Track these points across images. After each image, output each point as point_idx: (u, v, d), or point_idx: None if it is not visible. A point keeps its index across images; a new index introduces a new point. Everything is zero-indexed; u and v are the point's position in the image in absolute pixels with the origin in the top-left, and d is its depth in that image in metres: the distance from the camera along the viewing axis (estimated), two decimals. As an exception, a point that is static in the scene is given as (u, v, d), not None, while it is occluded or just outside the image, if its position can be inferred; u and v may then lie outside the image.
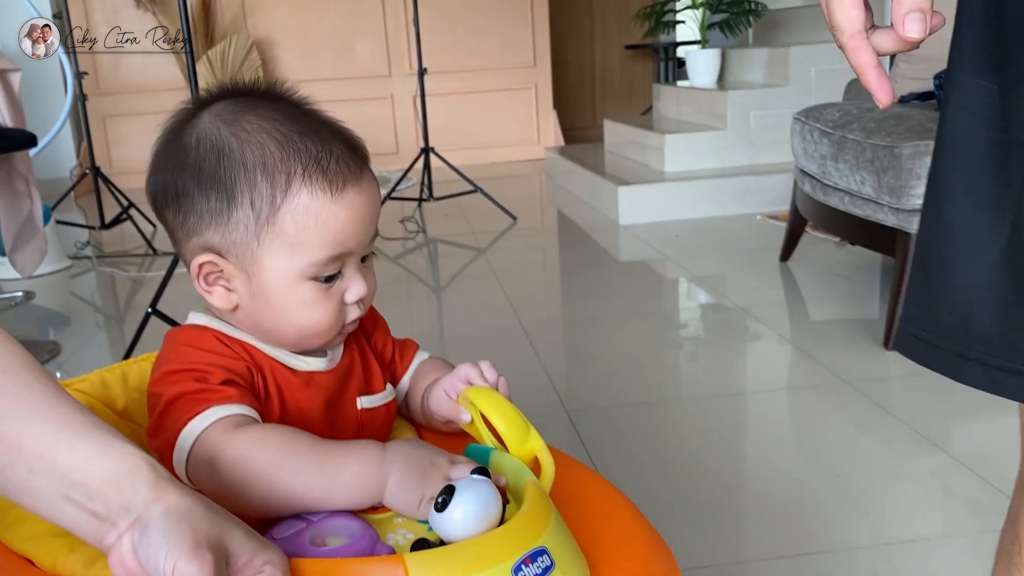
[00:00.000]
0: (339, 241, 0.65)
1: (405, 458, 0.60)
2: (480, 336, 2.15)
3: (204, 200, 0.65)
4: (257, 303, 0.67)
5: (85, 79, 3.87)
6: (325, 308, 0.66)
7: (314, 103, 0.70)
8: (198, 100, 0.68)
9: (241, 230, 0.64)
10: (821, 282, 2.48)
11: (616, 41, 6.29)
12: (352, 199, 0.65)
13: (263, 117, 0.65)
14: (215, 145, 0.65)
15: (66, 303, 2.84)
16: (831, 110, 2.14)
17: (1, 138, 2.07)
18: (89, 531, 0.49)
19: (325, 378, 0.70)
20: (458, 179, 3.75)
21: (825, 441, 1.53)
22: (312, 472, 0.59)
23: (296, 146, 0.64)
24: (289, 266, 0.65)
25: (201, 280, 0.67)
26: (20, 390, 0.51)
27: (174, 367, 0.65)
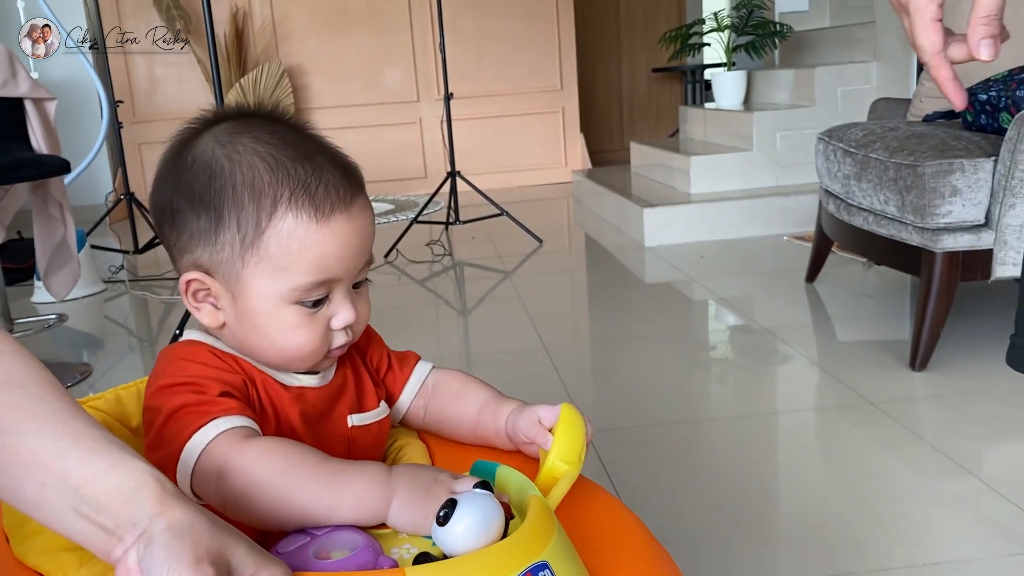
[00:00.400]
0: (324, 267, 0.65)
1: (410, 477, 0.61)
2: (505, 358, 2.16)
3: (195, 219, 0.66)
4: (242, 323, 0.67)
5: (121, 107, 3.95)
6: (308, 332, 0.67)
7: (314, 128, 0.71)
8: (201, 120, 0.70)
9: (227, 251, 0.65)
10: (848, 303, 2.45)
11: (643, 64, 6.31)
12: (339, 226, 0.65)
13: (258, 140, 0.66)
14: (208, 165, 0.66)
15: (99, 325, 2.89)
16: (854, 130, 2.12)
17: (36, 165, 2.13)
18: (98, 545, 0.50)
19: (315, 394, 0.70)
20: (485, 202, 3.77)
21: (853, 463, 1.50)
22: (319, 485, 0.59)
23: (286, 170, 0.64)
24: (273, 289, 0.65)
25: (190, 296, 0.69)
26: (36, 406, 0.52)
27: (170, 381, 0.65)
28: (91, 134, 4.40)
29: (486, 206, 3.78)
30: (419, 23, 5.25)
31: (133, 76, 5.13)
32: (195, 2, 4.94)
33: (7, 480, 0.51)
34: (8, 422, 0.51)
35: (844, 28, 3.81)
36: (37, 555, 0.59)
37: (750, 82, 4.08)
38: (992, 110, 1.90)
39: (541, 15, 5.34)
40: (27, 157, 2.15)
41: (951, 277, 1.78)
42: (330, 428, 0.71)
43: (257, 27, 5.16)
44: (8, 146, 2.16)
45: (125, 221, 4.04)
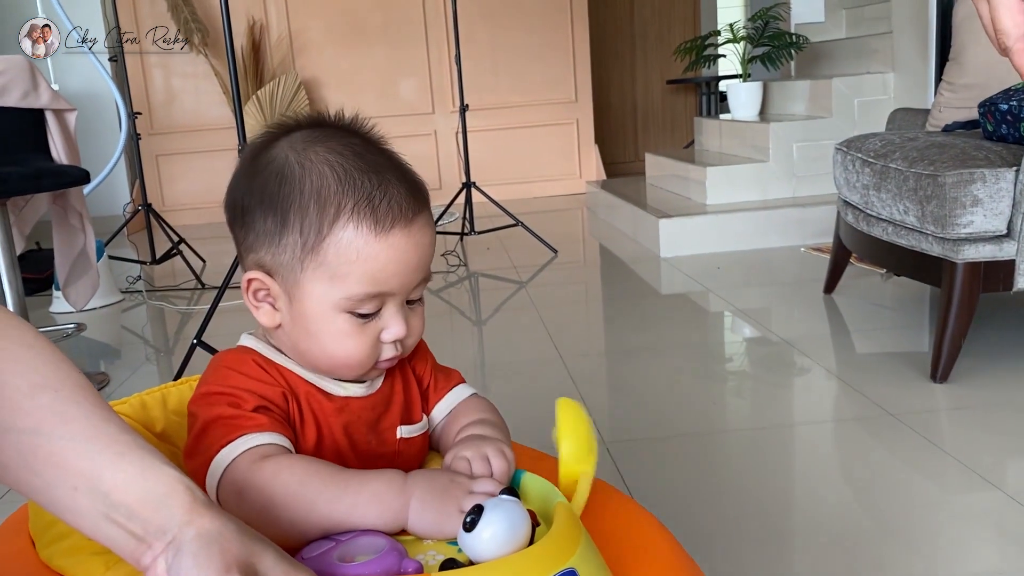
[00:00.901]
0: (378, 280, 0.65)
1: (426, 479, 0.61)
2: (521, 368, 2.15)
3: (262, 219, 0.67)
4: (296, 325, 0.68)
5: (139, 119, 3.99)
6: (357, 342, 0.67)
7: (388, 142, 0.72)
8: (282, 125, 0.71)
9: (288, 253, 0.66)
10: (867, 314, 2.44)
11: (657, 76, 6.32)
12: (397, 241, 0.65)
13: (331, 149, 0.67)
14: (280, 169, 0.67)
15: (117, 335, 2.91)
16: (873, 140, 2.11)
17: (57, 175, 2.14)
18: (127, 550, 0.50)
19: (360, 404, 0.71)
20: (500, 213, 3.77)
21: (873, 475, 1.49)
22: (334, 491, 0.60)
23: (353, 181, 0.65)
24: (327, 296, 0.66)
25: (250, 295, 0.70)
26: (69, 409, 0.52)
27: (212, 388, 0.67)
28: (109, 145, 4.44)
29: (501, 217, 3.78)
30: (434, 36, 5.27)
31: (151, 88, 5.17)
32: (213, 15, 4.99)
33: (39, 483, 0.52)
34: (42, 425, 0.51)
35: (861, 39, 3.80)
36: (63, 558, 0.59)
37: (766, 93, 4.07)
38: (1013, 120, 1.89)
39: (555, 27, 5.36)
40: (47, 167, 2.17)
41: (973, 288, 1.76)
42: (378, 439, 0.71)
43: (274, 40, 5.20)
44: (29, 156, 2.18)
45: (143, 232, 4.06)
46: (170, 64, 5.17)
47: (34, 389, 0.52)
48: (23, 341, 0.54)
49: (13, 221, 2.23)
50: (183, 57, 5.09)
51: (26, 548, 0.63)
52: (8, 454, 0.51)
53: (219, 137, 5.12)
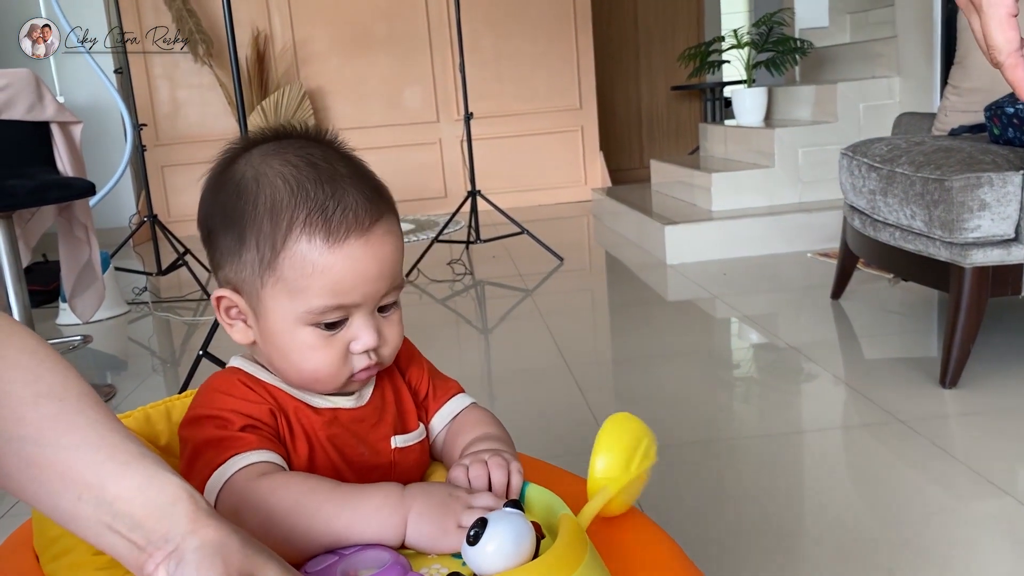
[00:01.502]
0: (338, 292, 0.64)
1: (424, 493, 0.60)
2: (527, 376, 2.14)
3: (224, 236, 0.67)
4: (266, 342, 0.68)
5: (144, 130, 4.00)
6: (325, 355, 0.66)
7: (350, 149, 0.71)
8: (245, 140, 0.70)
9: (248, 270, 0.66)
10: (875, 320, 2.42)
11: (662, 82, 6.32)
12: (354, 251, 0.64)
13: (286, 161, 0.66)
14: (239, 186, 0.66)
15: (123, 347, 2.91)
16: (879, 144, 2.11)
17: (63, 187, 2.15)
18: (131, 560, 0.50)
19: (349, 416, 0.70)
20: (505, 221, 3.77)
21: (882, 482, 1.48)
22: (331, 508, 0.59)
23: (306, 192, 0.64)
24: (288, 310, 0.65)
25: (223, 313, 0.70)
26: (73, 418, 0.52)
27: (199, 412, 0.66)
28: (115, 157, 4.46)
29: (506, 225, 3.78)
30: (438, 44, 5.28)
31: (156, 100, 5.19)
32: (218, 25, 5.01)
33: (43, 493, 0.52)
34: (45, 435, 0.51)
35: (865, 43, 3.79)
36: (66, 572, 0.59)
37: (771, 99, 4.07)
38: (1020, 123, 1.88)
39: (559, 35, 5.36)
40: (53, 180, 2.18)
41: (981, 292, 1.75)
42: (371, 450, 0.71)
43: (278, 50, 5.22)
44: (35, 169, 2.19)
45: (148, 243, 4.08)
46: (175, 75, 5.19)
47: (37, 398, 0.52)
48: (26, 349, 0.54)
49: (19, 234, 2.24)
50: (188, 68, 5.11)
51: (30, 563, 0.63)
52: (11, 463, 0.51)
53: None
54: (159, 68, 5.16)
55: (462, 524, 0.58)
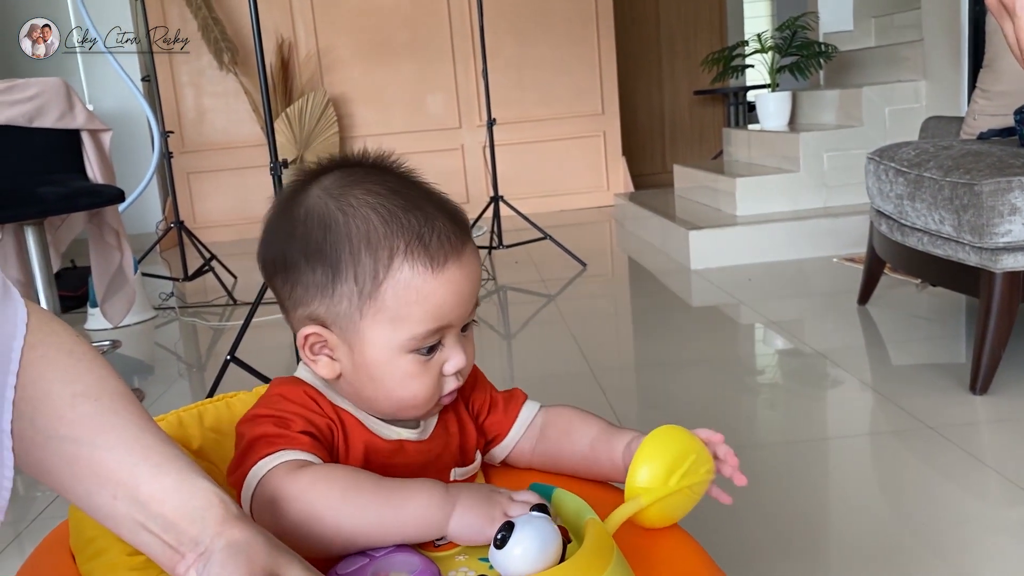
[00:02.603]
0: (439, 315, 0.65)
1: (468, 488, 0.61)
2: (550, 382, 2.14)
3: (311, 272, 0.66)
4: (359, 374, 0.67)
5: (171, 137, 4.04)
6: (423, 381, 0.67)
7: (420, 175, 0.71)
8: (309, 172, 0.70)
9: (345, 303, 0.65)
10: (902, 325, 2.40)
11: (685, 87, 6.30)
12: (452, 275, 0.65)
13: (369, 191, 0.66)
14: (322, 219, 0.66)
15: (150, 352, 2.94)
16: (906, 149, 2.09)
17: (93, 194, 2.18)
18: (164, 559, 0.51)
19: (415, 448, 0.70)
20: (528, 227, 3.77)
21: (910, 488, 1.46)
22: (380, 504, 0.60)
23: (399, 221, 0.65)
24: (390, 340, 0.65)
25: (307, 350, 0.69)
26: (109, 419, 0.54)
27: (261, 412, 0.67)
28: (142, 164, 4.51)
29: (529, 230, 3.78)
30: (461, 51, 5.30)
31: (182, 107, 5.25)
32: (243, 33, 5.06)
33: (81, 491, 0.53)
34: (83, 434, 0.53)
35: (891, 47, 3.76)
36: (101, 573, 0.59)
37: (795, 103, 4.05)
38: (1050, 126, 1.85)
39: (582, 40, 5.36)
40: (84, 187, 2.21)
41: (1012, 298, 1.73)
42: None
43: (303, 57, 5.26)
44: (66, 176, 2.22)
45: (175, 249, 4.12)
46: (201, 83, 5.24)
47: (75, 398, 0.53)
48: (65, 348, 0.55)
49: (50, 240, 2.27)
50: (213, 75, 5.16)
51: (67, 563, 0.64)
52: (52, 461, 0.53)
53: (249, 154, 5.17)
54: (185, 76, 5.22)
55: (509, 514, 0.59)
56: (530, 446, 0.78)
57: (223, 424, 0.76)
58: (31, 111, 2.14)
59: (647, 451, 0.64)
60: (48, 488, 0.54)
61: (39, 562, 0.66)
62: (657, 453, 0.63)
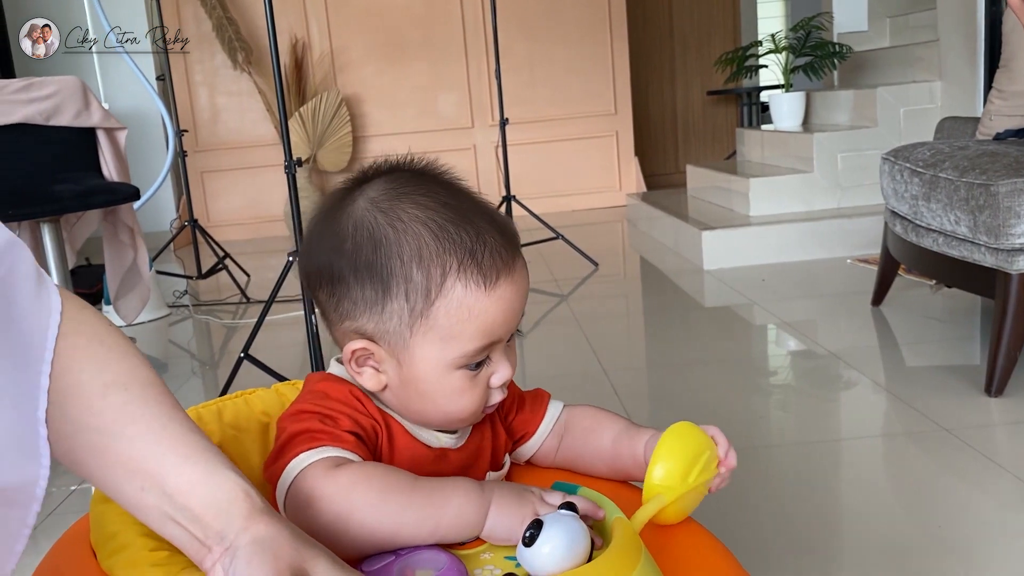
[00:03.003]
0: (490, 332, 0.64)
1: (501, 487, 0.61)
2: (563, 382, 2.14)
3: (359, 288, 0.65)
4: (407, 388, 0.67)
5: (185, 136, 4.06)
6: (471, 396, 0.66)
7: (465, 182, 0.70)
8: (353, 180, 0.69)
9: (395, 320, 0.65)
10: (916, 327, 2.39)
11: (698, 87, 6.29)
12: (504, 291, 0.64)
13: (418, 204, 0.65)
14: (372, 235, 0.65)
15: (164, 349, 2.95)
16: (921, 149, 2.08)
17: (108, 192, 2.19)
18: (191, 551, 0.52)
19: (456, 455, 0.70)
20: (540, 227, 3.77)
21: (924, 491, 1.46)
22: (419, 507, 0.59)
23: (451, 238, 0.63)
24: (440, 357, 0.65)
25: (352, 362, 0.68)
26: (139, 409, 0.54)
27: (306, 407, 0.66)
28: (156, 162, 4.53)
29: (541, 230, 3.78)
30: (473, 50, 5.31)
31: (196, 106, 5.27)
32: (257, 34, 5.08)
33: (110, 481, 0.53)
34: (112, 425, 0.53)
35: (906, 47, 3.74)
36: (123, 569, 0.59)
37: (809, 104, 4.03)
38: (1068, 127, 1.84)
39: (594, 40, 5.36)
40: (99, 185, 2.22)
41: (1028, 299, 1.72)
42: None
43: (316, 57, 5.28)
44: (81, 174, 2.24)
45: (189, 247, 4.14)
46: (215, 82, 5.27)
47: (106, 388, 0.53)
48: (97, 337, 0.55)
49: (66, 237, 2.28)
50: (227, 75, 5.19)
51: (87, 557, 0.64)
52: (83, 451, 0.53)
53: (263, 154, 5.19)
54: (199, 75, 5.24)
55: (539, 513, 0.59)
56: (555, 445, 0.78)
57: (242, 420, 0.77)
58: (48, 109, 2.16)
59: (665, 449, 0.64)
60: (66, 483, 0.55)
61: (59, 557, 0.67)
62: (675, 451, 0.63)
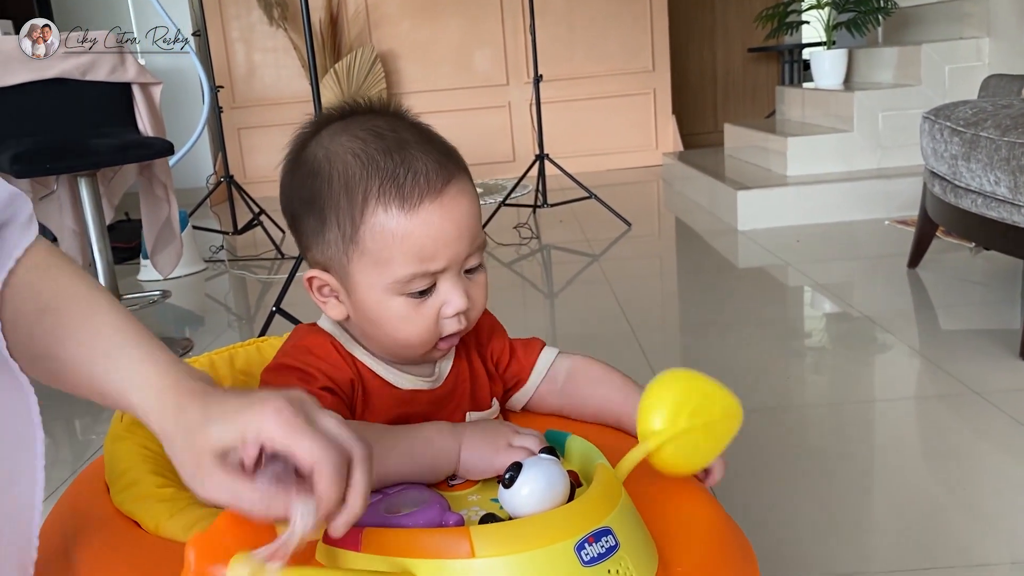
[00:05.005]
0: (422, 258, 0.64)
1: (473, 424, 0.64)
2: (592, 341, 2.14)
3: (307, 219, 0.68)
4: (359, 315, 0.69)
5: (220, 92, 4.08)
6: (416, 323, 0.67)
7: (414, 115, 0.70)
8: (315, 121, 0.71)
9: (333, 248, 0.67)
10: (953, 290, 2.34)
11: (738, 44, 6.16)
12: (430, 215, 0.64)
13: (353, 136, 0.66)
14: (312, 167, 0.67)
15: (200, 303, 3.00)
16: (963, 108, 2.02)
17: (143, 147, 2.22)
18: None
19: (428, 396, 0.72)
20: (573, 186, 3.75)
21: (955, 454, 1.44)
22: (389, 441, 0.61)
23: (375, 163, 0.64)
24: (376, 283, 0.66)
25: (315, 292, 0.71)
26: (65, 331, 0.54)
27: (287, 362, 0.68)
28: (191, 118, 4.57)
29: (574, 189, 3.76)
30: (509, 6, 5.24)
31: (232, 62, 5.29)
32: (292, -11, 5.07)
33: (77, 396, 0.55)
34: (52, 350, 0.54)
35: (953, 3, 3.62)
36: (133, 504, 0.62)
37: (851, 61, 3.93)
38: (1118, 84, 1.77)
39: (633, -5, 5.27)
40: (135, 139, 2.25)
41: (1068, 262, 1.68)
42: None
43: (351, 13, 5.25)
44: (117, 129, 2.26)
45: (225, 203, 4.18)
46: (251, 38, 5.27)
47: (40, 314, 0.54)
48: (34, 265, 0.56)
49: (103, 191, 2.32)
50: (264, 31, 5.19)
51: (101, 493, 0.66)
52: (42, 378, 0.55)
53: (298, 110, 5.17)
54: (236, 31, 5.25)
55: (513, 444, 0.60)
56: (550, 392, 0.79)
57: (253, 367, 0.78)
58: (84, 64, 2.18)
59: (651, 394, 0.64)
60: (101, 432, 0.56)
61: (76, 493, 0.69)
62: (662, 396, 0.63)
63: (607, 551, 0.51)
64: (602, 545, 0.51)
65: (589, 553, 0.50)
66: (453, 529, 0.52)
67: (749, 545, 0.60)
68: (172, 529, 0.58)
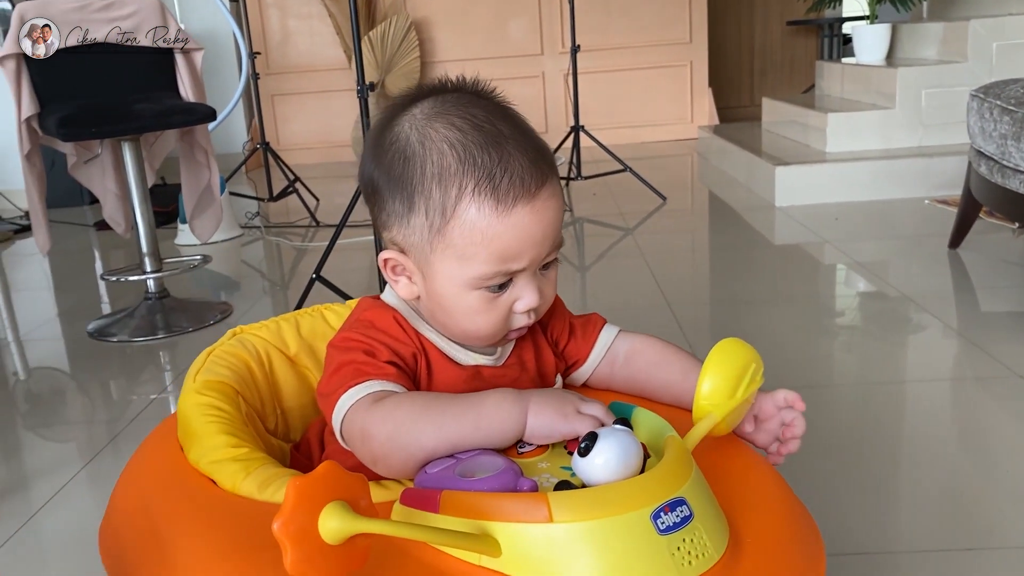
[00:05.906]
0: (506, 257, 0.65)
1: (539, 391, 0.64)
2: (625, 314, 2.15)
3: (391, 200, 0.68)
4: (431, 300, 0.70)
5: (256, 59, 4.09)
6: (488, 317, 0.68)
7: (512, 105, 0.71)
8: (406, 97, 0.71)
9: (417, 234, 0.67)
10: (994, 271, 2.31)
11: (777, 16, 6.06)
12: (521, 218, 0.64)
13: (450, 124, 0.66)
14: (403, 149, 0.67)
15: (237, 269, 3.04)
16: (1015, 86, 1.98)
17: (186, 112, 2.23)
18: None
19: (491, 373, 0.72)
20: (607, 158, 3.73)
21: (992, 435, 1.43)
22: (457, 416, 0.62)
23: (473, 159, 0.64)
24: (457, 275, 0.66)
25: (388, 271, 0.71)
26: None
27: (352, 336, 0.69)
28: (227, 85, 4.58)
29: (608, 162, 3.74)
30: (546, -25, 5.19)
31: (268, 28, 5.29)
32: (329, -45, 5.04)
33: None
34: None
35: (1003, -23, 3.54)
36: (209, 463, 0.64)
37: (894, 36, 3.86)
38: None
39: (671, -35, 5.19)
40: (177, 105, 2.26)
41: (1117, 245, 1.65)
42: None
43: (387, -20, 5.22)
44: (159, 94, 2.28)
45: (260, 170, 4.21)
46: (286, 4, 5.27)
47: None
48: None
49: (145, 156, 2.34)
50: (300, -1, 5.18)
51: (176, 452, 0.68)
52: None
53: (332, 78, 5.20)
54: (272, -2, 5.24)
55: (581, 411, 0.61)
56: (610, 370, 0.79)
57: (317, 333, 0.80)
58: (128, 28, 2.19)
59: (712, 367, 0.65)
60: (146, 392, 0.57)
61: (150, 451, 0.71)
62: (722, 368, 0.65)
63: (682, 520, 0.52)
64: (677, 515, 0.52)
65: (665, 522, 0.51)
66: (531, 494, 0.53)
67: (815, 524, 0.61)
68: (248, 488, 0.60)
